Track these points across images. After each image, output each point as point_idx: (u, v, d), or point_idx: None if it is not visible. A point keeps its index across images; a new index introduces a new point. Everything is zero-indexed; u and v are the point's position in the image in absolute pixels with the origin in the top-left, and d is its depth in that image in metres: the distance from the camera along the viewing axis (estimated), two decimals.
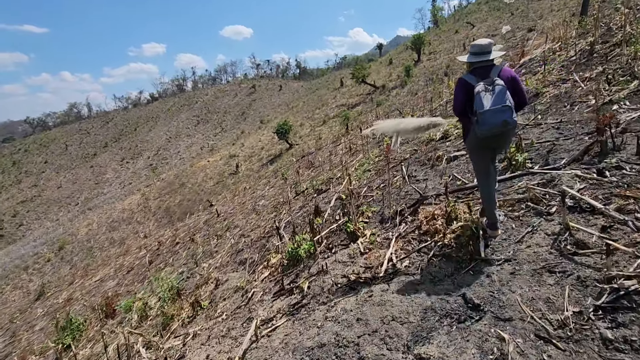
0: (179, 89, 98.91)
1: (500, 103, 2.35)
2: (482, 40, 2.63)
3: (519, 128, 4.51)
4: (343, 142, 12.63)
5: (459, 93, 2.64)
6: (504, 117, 2.35)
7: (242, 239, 5.24)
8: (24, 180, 69.70)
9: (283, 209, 5.56)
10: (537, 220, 2.76)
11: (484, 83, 2.45)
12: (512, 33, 25.29)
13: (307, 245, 3.23)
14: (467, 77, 2.61)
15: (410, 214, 3.52)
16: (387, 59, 45.44)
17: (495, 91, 2.38)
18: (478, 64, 2.59)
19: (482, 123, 2.39)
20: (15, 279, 23.86)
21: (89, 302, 8.13)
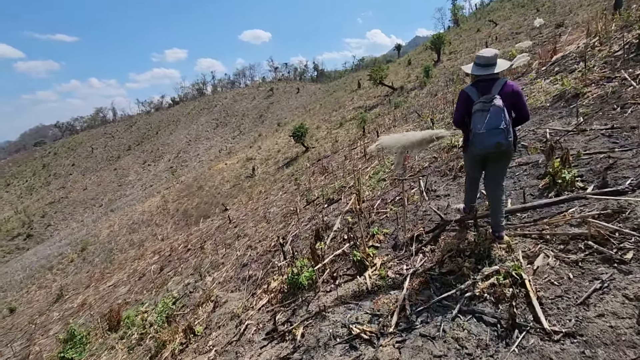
0: (199, 93, 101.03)
1: (495, 125, 2.36)
2: (487, 51, 2.56)
3: (561, 135, 3.97)
4: (359, 146, 12.21)
5: (460, 106, 2.63)
6: (498, 139, 2.37)
7: (249, 251, 4.94)
8: (53, 182, 72.83)
9: (292, 220, 5.23)
10: (606, 271, 2.04)
11: (483, 101, 2.44)
12: (539, 30, 24.15)
13: (308, 273, 2.84)
14: (470, 90, 2.59)
15: (430, 242, 2.94)
16: (406, 60, 44.62)
17: (491, 111, 2.38)
18: (482, 76, 2.55)
19: (477, 144, 2.43)
20: (41, 279, 24.66)
21: (99, 309, 8.04)
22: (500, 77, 2.58)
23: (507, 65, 2.63)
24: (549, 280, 2.15)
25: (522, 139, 4.30)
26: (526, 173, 3.59)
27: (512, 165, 3.82)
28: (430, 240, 2.96)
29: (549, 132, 4.12)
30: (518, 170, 3.73)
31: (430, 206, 3.66)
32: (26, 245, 46.50)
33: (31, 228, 51.25)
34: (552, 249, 2.39)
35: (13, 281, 26.33)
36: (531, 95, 5.32)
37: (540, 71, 6.24)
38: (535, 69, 6.57)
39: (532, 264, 2.29)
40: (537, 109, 4.88)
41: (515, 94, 2.51)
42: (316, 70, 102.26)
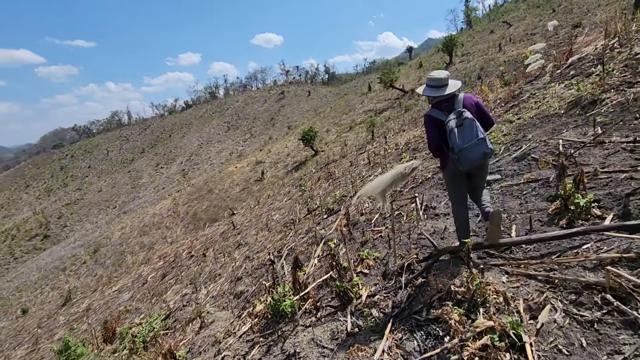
0: (211, 96, 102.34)
1: (474, 137, 2.36)
2: (439, 72, 2.61)
3: (576, 147, 3.62)
4: (367, 151, 11.99)
5: (433, 131, 2.58)
6: (482, 149, 2.36)
7: (246, 263, 4.79)
8: (70, 184, 74.76)
9: (291, 231, 5.05)
10: (630, 341, 1.58)
11: (454, 118, 2.44)
12: (554, 31, 23.49)
13: (290, 301, 2.62)
14: (434, 112, 2.58)
15: (421, 273, 2.60)
16: (417, 63, 44.13)
17: (465, 125, 2.39)
18: (439, 96, 2.57)
19: (463, 160, 2.38)
20: (54, 280, 25.16)
21: (102, 314, 8.01)
22: (456, 94, 2.62)
23: (458, 85, 2.65)
24: (556, 345, 1.72)
25: (532, 150, 3.98)
26: (535, 193, 3.25)
27: (519, 182, 3.53)
28: (422, 272, 2.63)
29: (563, 143, 3.76)
30: (526, 188, 3.38)
31: (424, 231, 3.35)
32: (43, 245, 47.74)
33: (48, 229, 52.61)
34: (562, 299, 1.97)
35: (28, 281, 26.95)
36: (544, 102, 5.01)
37: (554, 74, 5.91)
38: (550, 72, 6.25)
39: (536, 319, 1.88)
40: (550, 117, 4.56)
41: (476, 104, 2.58)
42: (327, 73, 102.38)
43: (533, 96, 5.51)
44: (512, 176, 3.73)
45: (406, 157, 5.37)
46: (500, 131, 4.87)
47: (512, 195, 3.41)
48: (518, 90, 6.25)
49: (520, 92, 6.11)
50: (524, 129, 4.61)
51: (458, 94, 2.62)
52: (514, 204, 3.25)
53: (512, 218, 3.04)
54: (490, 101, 7.03)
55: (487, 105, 6.66)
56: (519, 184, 3.51)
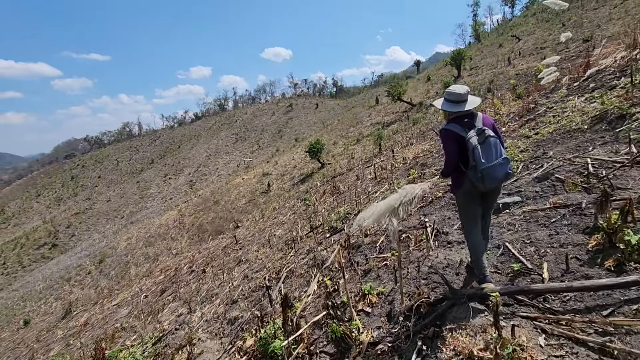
0: (220, 109, 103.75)
1: (500, 156, 2.27)
2: (458, 87, 2.48)
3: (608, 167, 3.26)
4: (373, 164, 11.73)
5: (453, 146, 2.40)
6: (505, 169, 2.27)
7: (244, 283, 4.51)
8: (80, 194, 75.75)
9: (292, 249, 4.77)
10: None
11: (475, 135, 2.30)
12: (566, 44, 23.23)
13: (279, 343, 2.30)
14: (454, 127, 2.41)
15: (433, 321, 2.17)
16: (425, 76, 44.15)
17: (490, 143, 2.27)
18: (461, 112, 2.44)
19: (487, 179, 2.24)
20: (59, 290, 25.04)
21: (98, 330, 7.75)
22: (474, 111, 2.49)
23: (478, 101, 2.50)
24: None
25: (556, 170, 3.58)
26: (566, 222, 2.79)
27: (544, 207, 3.08)
28: (434, 319, 2.19)
29: (591, 162, 3.35)
30: (554, 215, 2.93)
31: (436, 263, 2.89)
32: (51, 254, 48.00)
33: (56, 238, 52.99)
34: None
35: (33, 291, 26.89)
36: (563, 116, 4.69)
37: (572, 87, 5.62)
38: (566, 85, 5.96)
39: None
40: (572, 132, 4.22)
41: (494, 126, 2.46)
42: (335, 86, 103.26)
43: (550, 110, 5.20)
44: (534, 199, 3.34)
45: (414, 173, 5.07)
46: (517, 147, 4.52)
47: (538, 223, 2.96)
48: (533, 104, 5.94)
49: (536, 105, 5.80)
50: (543, 145, 4.26)
51: (476, 112, 2.48)
52: (542, 234, 2.78)
53: (541, 253, 2.56)
54: (503, 115, 6.74)
55: (499, 120, 6.38)
56: (545, 209, 3.08)
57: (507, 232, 3.04)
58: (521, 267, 2.51)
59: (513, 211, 3.31)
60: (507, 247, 2.78)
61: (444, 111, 2.53)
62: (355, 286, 3.07)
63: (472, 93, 2.59)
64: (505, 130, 5.41)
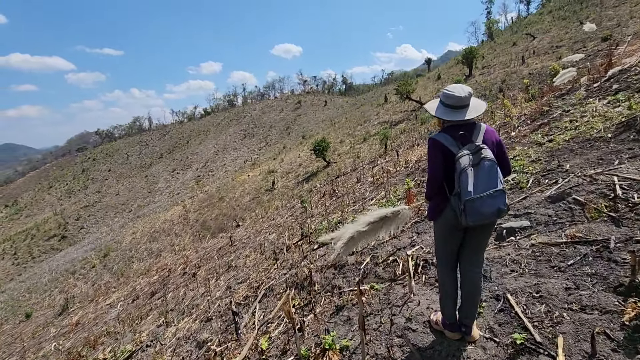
0: (229, 104, 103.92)
1: (492, 186, 1.74)
2: (458, 88, 1.92)
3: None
4: (378, 165, 11.32)
5: (438, 163, 1.91)
6: (498, 204, 1.74)
7: (226, 295, 4.19)
8: (90, 187, 76.85)
9: (277, 261, 4.41)
10: None
11: (469, 153, 1.79)
12: (582, 43, 22.35)
13: None
14: (443, 138, 1.91)
15: None
16: (436, 75, 43.29)
17: (484, 168, 1.75)
18: (457, 121, 1.91)
19: (470, 213, 1.75)
20: (64, 283, 25.26)
21: (87, 332, 7.55)
22: (477, 121, 1.96)
23: (483, 108, 1.95)
24: None
25: (574, 189, 2.93)
26: (589, 268, 2.11)
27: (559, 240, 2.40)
28: None
29: (619, 182, 2.69)
30: (572, 253, 2.25)
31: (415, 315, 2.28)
32: (60, 246, 48.78)
33: (66, 230, 53.81)
34: None
35: (39, 283, 27.20)
36: (582, 121, 4.18)
37: (592, 89, 5.11)
38: (585, 86, 5.45)
39: None
40: (593, 141, 3.65)
41: (498, 144, 1.92)
42: (345, 83, 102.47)
43: (567, 114, 4.71)
44: (546, 225, 2.70)
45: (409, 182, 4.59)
46: (527, 155, 4.00)
47: (552, 265, 2.28)
48: (547, 106, 5.44)
49: (550, 108, 5.31)
50: (558, 156, 3.72)
51: (478, 122, 1.95)
52: (556, 285, 2.10)
53: (555, 317, 1.90)
54: (514, 117, 6.26)
55: (509, 123, 5.89)
56: (560, 243, 2.41)
57: (510, 273, 2.38)
58: (526, 339, 1.84)
59: (519, 241, 2.68)
60: (509, 301, 2.14)
61: (437, 118, 2.01)
62: (322, 327, 2.57)
63: (476, 95, 2.12)
64: (514, 135, 4.95)
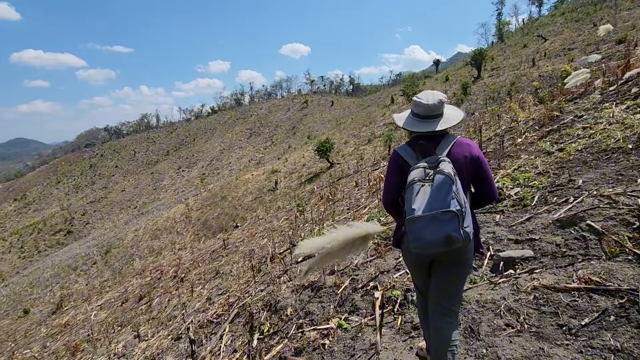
0: (236, 103, 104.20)
1: (439, 206, 1.40)
2: (429, 95, 1.70)
3: None
4: (380, 167, 10.99)
5: (392, 175, 1.72)
6: (446, 230, 1.38)
7: (205, 308, 3.91)
8: (97, 182, 77.67)
9: (259, 274, 4.10)
10: None
11: (425, 165, 1.52)
12: (595, 46, 21.72)
13: None
14: (403, 150, 1.70)
15: None
16: (443, 76, 42.69)
17: (435, 183, 1.44)
18: (419, 133, 1.68)
19: (413, 237, 1.43)
20: (65, 279, 25.33)
21: (74, 335, 7.35)
22: (447, 132, 1.68)
23: (459, 117, 1.70)
24: None
25: (588, 212, 2.42)
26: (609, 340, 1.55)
27: (569, 284, 1.89)
28: None
29: None
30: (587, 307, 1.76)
31: None
32: (66, 240, 49.25)
33: (72, 225, 54.34)
34: None
35: (42, 278, 27.33)
36: (597, 129, 3.76)
37: (607, 92, 4.70)
38: (599, 89, 5.04)
39: None
40: (610, 152, 3.21)
41: (473, 159, 1.59)
42: (352, 84, 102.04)
43: (579, 119, 4.30)
44: (553, 257, 2.21)
45: None
46: (533, 166, 3.62)
47: (558, 323, 1.75)
48: (557, 111, 5.05)
49: (561, 112, 4.92)
50: (569, 168, 3.26)
51: (449, 133, 1.68)
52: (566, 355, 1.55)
53: None
54: (521, 122, 5.87)
55: (515, 129, 5.48)
56: (570, 289, 1.86)
57: (504, 329, 1.85)
58: None
59: (519, 279, 2.17)
60: None
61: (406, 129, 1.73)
62: None
63: (483, 98, 1.78)
64: (520, 142, 4.57)
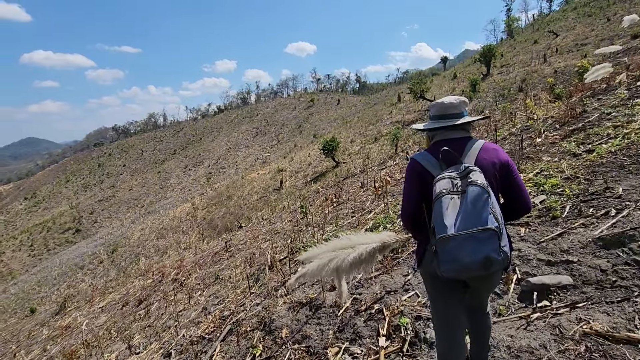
0: (243, 102, 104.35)
1: (476, 223, 1.15)
2: (447, 97, 1.52)
3: None
4: (387, 167, 10.68)
5: (412, 188, 1.47)
6: (485, 250, 1.13)
7: (199, 319, 3.68)
8: (105, 181, 78.48)
9: (254, 285, 3.83)
10: None
11: (451, 176, 1.27)
12: (609, 41, 21.06)
13: None
14: (423, 157, 1.47)
15: None
16: (452, 73, 42.04)
17: (468, 195, 1.19)
18: (441, 134, 1.49)
19: (445, 259, 1.18)
20: (72, 277, 25.49)
21: (74, 338, 7.21)
22: (472, 137, 1.50)
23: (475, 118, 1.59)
24: None
25: (637, 231, 2.00)
26: None
27: (629, 331, 1.53)
28: None
29: None
30: None
31: None
32: (74, 239, 49.80)
33: (80, 223, 54.94)
34: None
35: (49, 277, 27.57)
36: (632, 127, 3.32)
37: (636, 88, 4.31)
38: (625, 84, 4.66)
39: None
40: None
41: (503, 167, 1.38)
42: (358, 82, 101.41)
43: (608, 117, 3.93)
44: (600, 287, 1.79)
45: None
46: (559, 170, 3.21)
47: None
48: (580, 107, 4.66)
49: (584, 110, 4.54)
50: (603, 173, 2.85)
51: (473, 137, 1.49)
52: None
53: None
54: (539, 120, 5.51)
55: (532, 127, 5.09)
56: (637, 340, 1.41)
57: None
58: None
59: (559, 316, 1.75)
60: None
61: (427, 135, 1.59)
62: None
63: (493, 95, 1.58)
64: (540, 142, 4.21)
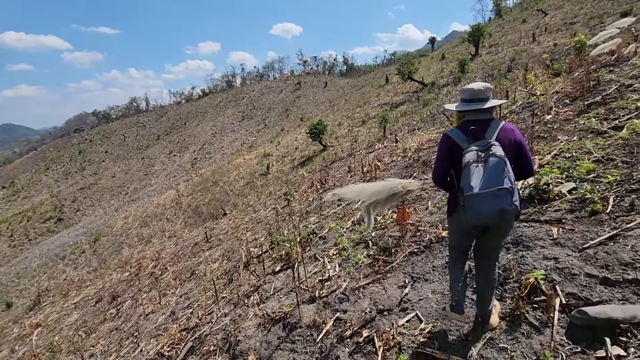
0: (228, 85, 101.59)
1: (495, 184, 1.64)
2: (476, 84, 1.92)
3: None
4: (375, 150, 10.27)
5: (443, 156, 1.94)
6: (501, 204, 1.64)
7: (166, 325, 3.26)
8: (87, 168, 76.12)
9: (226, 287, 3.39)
10: None
11: (477, 149, 1.75)
12: (598, 19, 20.80)
13: None
14: (454, 133, 1.91)
15: None
16: (440, 54, 41.44)
17: (489, 164, 1.67)
18: (470, 115, 1.91)
19: (471, 211, 1.68)
20: (53, 268, 24.70)
21: (42, 339, 6.75)
22: (494, 119, 1.90)
23: (499, 102, 2.00)
24: None
25: None
26: None
27: None
28: None
29: None
30: None
31: None
32: (56, 228, 48.37)
33: (62, 212, 53.32)
34: None
35: (29, 268, 26.68)
36: None
37: None
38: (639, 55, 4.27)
39: None
40: None
41: (516, 143, 1.81)
42: (346, 64, 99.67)
43: (629, 88, 3.52)
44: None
45: None
46: (585, 151, 2.77)
47: None
48: (594, 80, 4.22)
49: (598, 82, 4.12)
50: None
51: (495, 119, 1.89)
52: None
53: None
54: (544, 96, 5.09)
55: (536, 104, 4.71)
56: None
57: None
58: None
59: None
60: None
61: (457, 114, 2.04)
62: None
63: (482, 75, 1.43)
64: (550, 119, 3.81)
